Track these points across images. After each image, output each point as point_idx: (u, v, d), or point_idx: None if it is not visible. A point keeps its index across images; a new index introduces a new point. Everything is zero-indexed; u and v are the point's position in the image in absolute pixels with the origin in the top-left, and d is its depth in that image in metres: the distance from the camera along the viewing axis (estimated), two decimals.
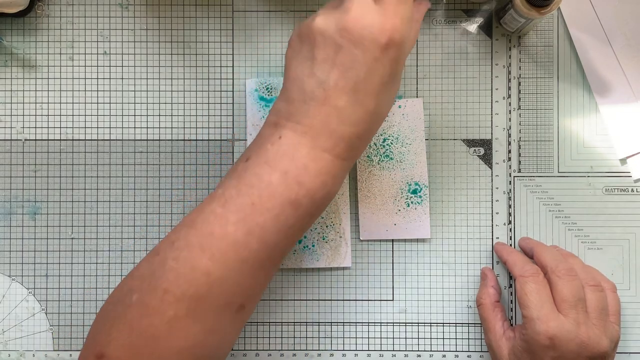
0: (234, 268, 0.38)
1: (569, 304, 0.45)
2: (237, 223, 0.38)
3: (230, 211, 0.38)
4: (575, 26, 0.53)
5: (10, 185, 0.54)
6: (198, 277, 0.38)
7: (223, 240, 0.38)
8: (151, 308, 0.38)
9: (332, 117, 0.38)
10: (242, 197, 0.38)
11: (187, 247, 0.38)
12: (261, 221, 0.38)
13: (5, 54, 0.54)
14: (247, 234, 0.38)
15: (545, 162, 0.53)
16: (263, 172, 0.38)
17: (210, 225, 0.39)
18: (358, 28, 0.37)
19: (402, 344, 0.53)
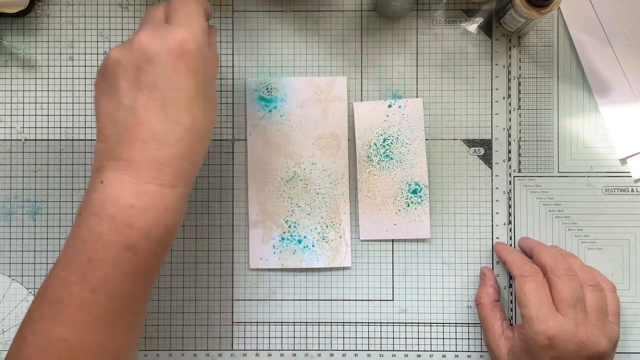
0: (90, 329, 0.37)
1: (568, 303, 0.45)
2: (80, 283, 0.37)
3: (71, 272, 0.37)
4: (575, 26, 0.53)
5: (10, 185, 0.54)
6: (56, 346, 0.37)
7: (71, 303, 0.37)
8: None
9: (149, 144, 0.37)
10: (79, 254, 0.37)
11: (41, 318, 0.38)
12: (102, 275, 0.37)
13: (5, 54, 0.54)
14: (92, 291, 0.37)
15: (545, 162, 0.53)
16: (93, 224, 0.37)
17: (56, 290, 0.37)
18: (150, 45, 0.36)
19: (402, 344, 0.53)
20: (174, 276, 0.54)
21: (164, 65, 0.36)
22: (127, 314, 0.38)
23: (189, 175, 0.38)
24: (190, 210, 0.54)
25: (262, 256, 0.53)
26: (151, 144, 0.36)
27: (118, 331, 0.38)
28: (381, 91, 0.54)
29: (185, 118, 0.37)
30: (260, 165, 0.53)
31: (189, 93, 0.37)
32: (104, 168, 0.38)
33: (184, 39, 0.37)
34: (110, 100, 0.38)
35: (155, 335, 0.54)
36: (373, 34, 0.54)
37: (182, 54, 0.37)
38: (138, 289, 0.38)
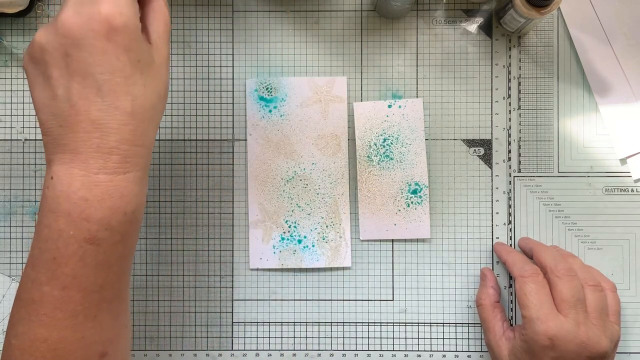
0: (69, 326, 0.36)
1: (568, 304, 0.45)
2: (50, 282, 0.36)
3: (39, 272, 0.36)
4: (575, 26, 0.53)
5: (10, 185, 0.54)
6: (39, 347, 0.36)
7: (44, 303, 0.36)
8: None
9: (91, 132, 0.35)
10: (44, 253, 0.36)
11: (20, 321, 0.37)
12: (69, 271, 0.36)
13: (5, 54, 0.54)
14: (63, 288, 0.36)
15: (545, 162, 0.53)
16: (51, 222, 0.36)
17: (29, 292, 0.37)
18: (75, 27, 0.34)
19: (402, 344, 0.53)
20: (174, 276, 0.54)
21: (92, 48, 0.34)
22: (105, 305, 0.37)
23: (140, 158, 0.37)
24: (190, 210, 0.54)
25: (262, 256, 0.53)
26: (93, 133, 0.35)
27: (99, 324, 0.37)
28: (381, 91, 0.54)
29: (124, 101, 0.35)
30: (260, 165, 0.53)
31: (124, 74, 0.35)
32: (53, 162, 0.36)
33: (109, 15, 0.34)
34: (44, 89, 0.36)
35: (155, 335, 0.54)
36: (373, 34, 0.54)
37: (109, 33, 0.34)
38: (111, 278, 0.37)
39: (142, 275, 0.54)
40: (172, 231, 0.54)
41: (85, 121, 0.35)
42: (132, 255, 0.39)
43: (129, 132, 0.35)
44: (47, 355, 0.36)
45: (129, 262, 0.39)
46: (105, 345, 0.38)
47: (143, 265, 0.54)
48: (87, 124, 0.35)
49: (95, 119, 0.35)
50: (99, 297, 0.37)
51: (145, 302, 0.54)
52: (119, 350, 0.40)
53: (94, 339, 0.37)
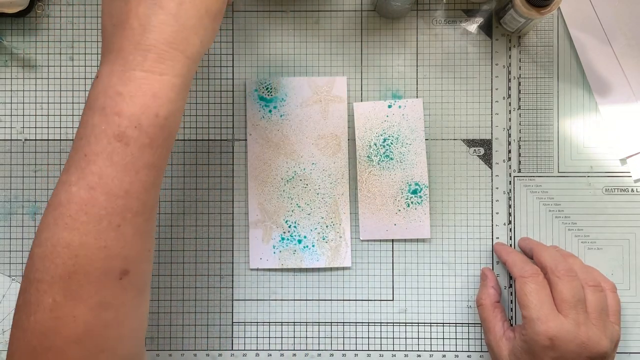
0: (92, 231, 0.35)
1: (568, 304, 0.45)
2: (78, 182, 0.35)
3: (70, 173, 0.36)
4: (575, 26, 0.53)
5: (10, 185, 0.54)
6: (60, 252, 0.35)
7: (70, 205, 0.35)
8: (32, 304, 0.36)
9: (135, 30, 0.36)
10: (77, 152, 0.36)
11: (46, 227, 0.36)
12: (96, 170, 0.35)
13: (5, 54, 0.54)
14: (89, 189, 0.35)
15: (545, 162, 0.53)
16: (87, 118, 0.36)
17: (57, 195, 0.36)
18: None
19: (402, 344, 0.53)
20: (174, 276, 0.54)
21: None
22: (129, 216, 0.36)
23: (179, 65, 0.36)
24: (190, 210, 0.54)
25: (262, 256, 0.53)
26: (137, 29, 0.36)
27: (122, 235, 0.36)
28: (381, 91, 0.54)
29: (170, 2, 0.36)
30: (260, 165, 0.53)
31: None
32: (101, 64, 0.37)
33: None
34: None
35: (155, 335, 0.54)
36: (373, 34, 0.54)
37: None
38: (137, 186, 0.36)
39: None
40: (172, 231, 0.54)
41: (133, 18, 0.36)
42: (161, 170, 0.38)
43: (169, 33, 0.36)
44: (68, 262, 0.35)
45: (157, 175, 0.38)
46: (128, 262, 0.37)
47: None
48: (133, 20, 0.36)
49: (141, 15, 0.35)
50: (123, 204, 0.36)
51: None
52: (140, 274, 0.38)
53: (116, 251, 0.36)
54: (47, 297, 0.35)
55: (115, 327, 0.37)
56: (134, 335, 0.39)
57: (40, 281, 0.35)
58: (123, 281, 0.37)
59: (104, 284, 0.36)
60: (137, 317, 0.39)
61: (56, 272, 0.35)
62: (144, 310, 0.40)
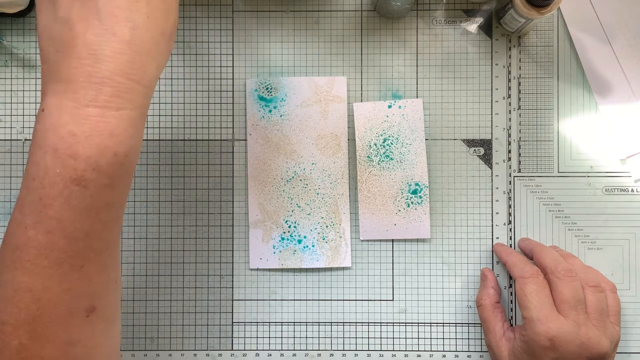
0: (54, 275, 0.34)
1: (568, 305, 0.45)
2: (35, 225, 0.33)
3: (25, 214, 0.34)
4: (575, 26, 0.53)
5: (10, 185, 0.54)
6: (22, 297, 0.34)
7: (29, 249, 0.34)
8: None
9: (84, 59, 0.32)
10: (30, 193, 0.33)
11: (5, 269, 0.34)
12: (54, 214, 0.33)
13: (5, 54, 0.54)
14: (47, 233, 0.33)
15: (545, 162, 0.53)
16: (38, 159, 0.33)
17: (15, 237, 0.34)
18: None
19: (402, 344, 0.53)
20: (174, 276, 0.54)
21: None
22: (92, 255, 0.35)
23: (137, 96, 0.33)
24: (190, 210, 0.54)
25: (262, 256, 0.53)
26: (86, 59, 0.32)
27: (86, 275, 0.35)
28: (381, 91, 0.54)
29: (123, 28, 0.32)
30: (260, 165, 0.53)
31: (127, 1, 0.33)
32: (46, 94, 0.34)
33: None
34: (48, 12, 0.34)
35: (155, 335, 0.54)
36: (373, 34, 0.54)
37: None
38: (97, 227, 0.34)
39: (142, 275, 0.54)
40: (172, 231, 0.54)
41: (80, 45, 0.32)
42: (122, 205, 0.37)
43: (124, 62, 0.33)
44: (32, 307, 0.34)
45: (118, 212, 0.36)
46: (93, 299, 0.36)
47: (143, 265, 0.54)
48: (81, 48, 0.32)
49: (90, 44, 0.32)
50: (85, 245, 0.34)
51: (145, 302, 0.54)
52: (108, 306, 0.37)
53: (81, 291, 0.35)
54: (13, 339, 0.34)
55: None
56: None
57: (5, 323, 0.34)
58: (90, 317, 0.36)
59: (70, 323, 0.35)
60: (108, 346, 0.38)
61: (19, 316, 0.34)
62: (115, 337, 0.39)
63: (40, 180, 0.33)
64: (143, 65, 0.33)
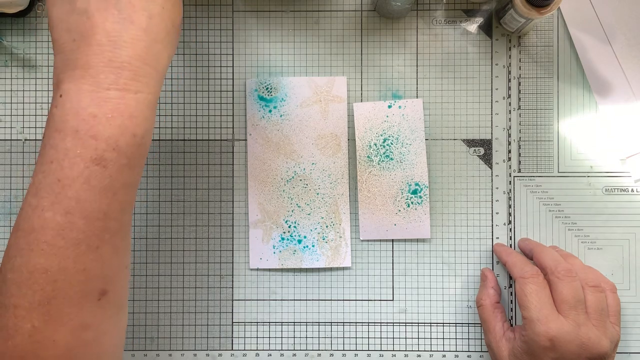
0: (71, 255, 0.35)
1: (568, 305, 0.45)
2: (52, 207, 0.34)
3: (42, 197, 0.35)
4: (575, 26, 0.53)
5: (10, 185, 0.54)
6: (37, 279, 0.34)
7: (45, 230, 0.34)
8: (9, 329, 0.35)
9: (104, 46, 0.34)
10: (48, 177, 0.35)
11: (18, 252, 0.35)
12: (73, 194, 0.34)
13: (5, 54, 0.54)
14: (66, 213, 0.34)
15: (545, 162, 0.53)
16: (57, 142, 0.34)
17: (29, 220, 0.35)
18: None
19: (402, 344, 0.53)
20: (174, 276, 0.54)
21: None
22: (108, 236, 0.36)
23: (152, 80, 0.36)
24: (190, 210, 0.54)
25: (262, 256, 0.53)
26: (106, 46, 0.34)
27: (101, 256, 0.36)
28: (381, 91, 0.54)
29: (140, 16, 0.35)
30: (260, 165, 0.53)
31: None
32: (62, 82, 0.35)
33: None
34: (63, 5, 0.36)
35: (155, 335, 0.54)
36: (373, 34, 0.54)
37: None
38: (115, 207, 0.36)
39: (142, 275, 0.54)
40: (172, 231, 0.54)
41: (100, 33, 0.34)
42: (136, 187, 0.38)
43: (142, 48, 0.35)
44: (47, 288, 0.35)
45: (133, 193, 0.37)
46: (107, 282, 0.37)
47: (143, 265, 0.54)
48: (101, 36, 0.34)
49: (110, 31, 0.34)
50: (102, 226, 0.35)
51: (145, 302, 0.54)
52: (119, 290, 0.38)
53: (96, 273, 0.36)
54: (26, 322, 0.35)
55: (95, 345, 0.37)
56: (113, 351, 0.39)
57: (17, 307, 0.35)
58: (102, 301, 0.37)
59: (83, 306, 0.36)
60: (117, 334, 0.39)
61: (34, 298, 0.34)
62: (123, 325, 0.40)
63: (59, 162, 0.34)
64: (158, 52, 0.36)
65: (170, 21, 0.36)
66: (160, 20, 0.36)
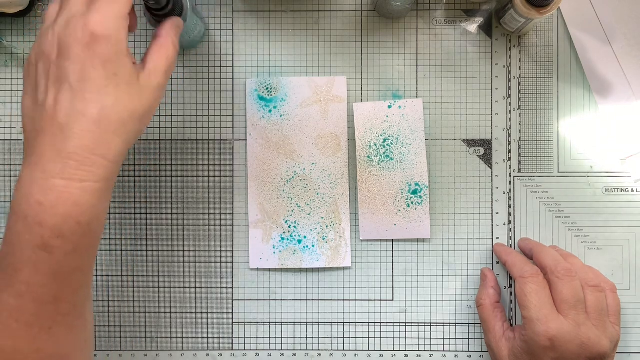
0: (24, 336, 0.36)
1: (568, 304, 0.45)
2: (7, 288, 0.36)
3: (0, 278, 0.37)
4: (575, 26, 0.53)
5: (10, 186, 0.54)
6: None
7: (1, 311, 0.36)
8: None
9: (57, 137, 0.36)
10: (4, 258, 0.37)
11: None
12: (23, 279, 0.36)
13: (5, 54, 0.54)
14: (18, 296, 0.36)
15: (545, 162, 0.53)
16: (12, 224, 0.36)
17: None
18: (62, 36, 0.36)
19: (402, 344, 0.53)
20: (174, 276, 0.54)
21: (74, 56, 0.36)
22: (60, 318, 0.37)
23: (100, 170, 0.36)
24: (190, 211, 0.54)
25: (262, 256, 0.53)
26: (58, 136, 0.36)
27: (54, 337, 0.37)
28: (381, 91, 0.54)
29: (92, 108, 0.36)
30: (260, 165, 0.53)
31: (97, 83, 0.36)
32: (23, 166, 0.37)
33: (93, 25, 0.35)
34: (31, 95, 0.38)
35: (155, 335, 0.54)
36: (373, 34, 0.54)
37: (90, 42, 0.35)
38: (65, 291, 0.37)
39: (142, 275, 0.54)
40: (172, 231, 0.54)
41: (54, 125, 0.36)
42: (89, 270, 0.39)
43: (89, 139, 0.36)
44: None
45: (85, 276, 0.39)
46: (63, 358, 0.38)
47: (143, 265, 0.54)
48: (54, 127, 0.36)
49: (62, 123, 0.36)
50: (53, 308, 0.37)
51: (145, 302, 0.54)
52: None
53: (50, 352, 0.37)
54: None
55: None
56: None
57: None
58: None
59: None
60: None
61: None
62: None
63: (12, 245, 0.36)
64: (108, 142, 0.36)
65: (127, 112, 0.37)
66: (113, 112, 0.36)
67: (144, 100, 0.38)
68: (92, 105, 0.36)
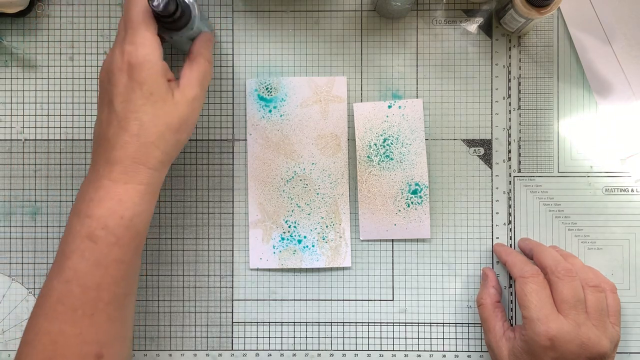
0: (68, 320, 0.41)
1: (568, 304, 0.45)
2: (57, 275, 0.42)
3: (53, 268, 0.42)
4: (575, 26, 0.53)
5: (10, 185, 0.54)
6: (41, 339, 0.41)
7: (51, 296, 0.41)
8: None
9: (106, 147, 0.43)
10: (59, 250, 0.42)
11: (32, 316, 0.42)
12: (71, 265, 0.41)
13: (5, 54, 0.54)
14: (66, 282, 0.41)
15: (545, 162, 0.53)
16: (70, 219, 0.43)
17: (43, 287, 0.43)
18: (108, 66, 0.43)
19: (402, 344, 0.53)
20: (174, 276, 0.54)
21: (117, 82, 0.42)
22: (101, 305, 0.42)
23: (141, 175, 0.42)
24: (190, 211, 0.54)
25: (262, 256, 0.53)
26: (107, 147, 0.42)
27: (95, 323, 0.41)
28: (381, 91, 0.54)
29: (132, 125, 0.42)
30: (260, 165, 0.53)
31: (136, 103, 0.42)
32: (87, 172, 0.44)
33: (130, 54, 0.42)
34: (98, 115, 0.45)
35: (155, 335, 0.54)
36: (373, 34, 0.54)
37: (129, 69, 0.42)
38: (107, 280, 0.42)
39: (142, 275, 0.54)
40: (172, 231, 0.54)
41: (105, 139, 0.43)
42: (132, 265, 0.43)
43: (131, 150, 0.42)
44: (49, 348, 0.40)
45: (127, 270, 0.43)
46: (101, 346, 0.42)
47: (143, 265, 0.54)
48: (105, 141, 0.43)
49: (110, 138, 0.42)
50: (95, 295, 0.41)
51: (145, 302, 0.54)
52: (115, 355, 0.43)
53: (91, 337, 0.41)
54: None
55: None
56: None
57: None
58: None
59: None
60: None
61: (37, 357, 0.41)
62: None
63: (66, 237, 0.42)
64: (147, 152, 0.42)
65: (164, 125, 0.43)
66: (151, 126, 0.42)
67: (179, 113, 0.43)
68: (132, 123, 0.42)
